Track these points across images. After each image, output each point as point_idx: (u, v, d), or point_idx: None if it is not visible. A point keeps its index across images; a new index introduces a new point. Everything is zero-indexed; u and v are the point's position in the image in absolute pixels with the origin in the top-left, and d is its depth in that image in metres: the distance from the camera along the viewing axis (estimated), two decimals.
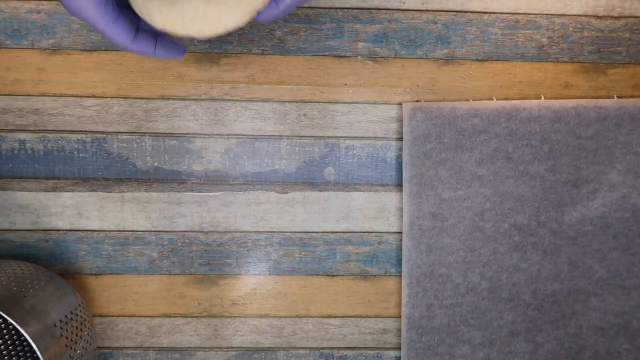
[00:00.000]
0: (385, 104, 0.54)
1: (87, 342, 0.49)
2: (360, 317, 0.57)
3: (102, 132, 0.53)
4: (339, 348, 0.57)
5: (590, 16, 0.54)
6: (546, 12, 0.54)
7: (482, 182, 0.54)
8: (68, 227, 0.54)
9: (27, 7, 0.52)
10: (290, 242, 0.55)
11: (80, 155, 0.53)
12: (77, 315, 0.48)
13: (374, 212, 0.55)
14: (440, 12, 0.53)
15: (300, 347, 0.57)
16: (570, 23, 0.54)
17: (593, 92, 0.55)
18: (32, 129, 0.53)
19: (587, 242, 0.56)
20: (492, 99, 0.54)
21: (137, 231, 0.54)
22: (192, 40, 0.53)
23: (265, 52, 0.53)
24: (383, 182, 0.55)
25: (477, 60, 0.54)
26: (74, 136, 0.53)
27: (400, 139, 0.55)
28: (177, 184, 0.54)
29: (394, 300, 0.57)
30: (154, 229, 0.54)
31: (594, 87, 0.55)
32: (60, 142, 0.53)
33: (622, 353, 0.57)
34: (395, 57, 0.54)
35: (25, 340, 0.53)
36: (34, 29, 0.52)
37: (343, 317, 0.57)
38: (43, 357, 0.42)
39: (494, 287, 0.56)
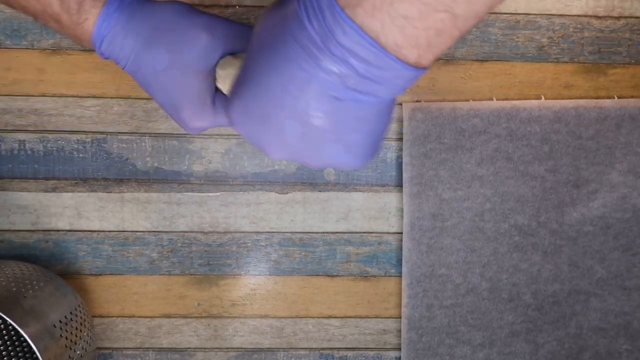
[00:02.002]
0: None
1: (87, 342, 0.49)
2: (361, 317, 0.57)
3: (102, 133, 0.53)
4: (339, 349, 0.57)
5: (591, 16, 0.54)
6: (546, 13, 0.54)
7: (482, 183, 0.54)
8: (68, 228, 0.54)
9: None
10: (290, 242, 0.55)
11: (80, 155, 0.53)
12: (76, 315, 0.48)
13: (374, 212, 0.55)
14: None
15: (300, 348, 0.57)
16: (571, 23, 0.54)
17: (593, 92, 0.55)
18: (32, 129, 0.53)
19: (588, 243, 0.56)
20: (492, 99, 0.54)
21: (137, 232, 0.54)
22: None
23: None
24: (383, 183, 0.55)
25: (477, 60, 0.54)
26: (74, 136, 0.53)
27: (400, 139, 0.55)
28: (177, 184, 0.54)
29: (394, 300, 0.56)
30: (153, 230, 0.54)
31: (594, 88, 0.55)
32: (60, 142, 0.53)
33: (622, 354, 0.57)
34: None
35: (25, 341, 0.53)
36: (34, 29, 0.52)
37: (343, 317, 0.56)
38: (42, 358, 0.42)
39: (494, 287, 0.56)
